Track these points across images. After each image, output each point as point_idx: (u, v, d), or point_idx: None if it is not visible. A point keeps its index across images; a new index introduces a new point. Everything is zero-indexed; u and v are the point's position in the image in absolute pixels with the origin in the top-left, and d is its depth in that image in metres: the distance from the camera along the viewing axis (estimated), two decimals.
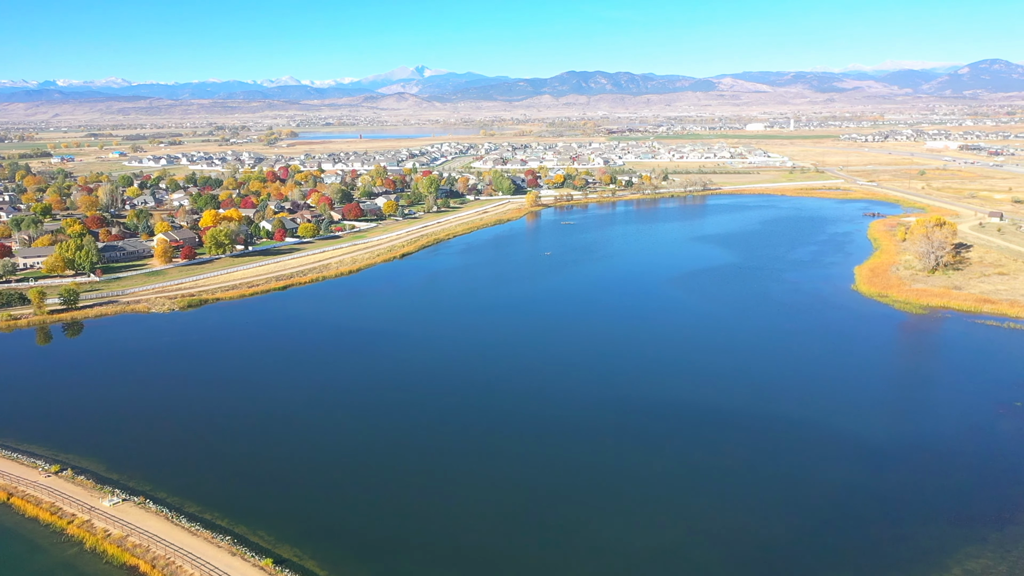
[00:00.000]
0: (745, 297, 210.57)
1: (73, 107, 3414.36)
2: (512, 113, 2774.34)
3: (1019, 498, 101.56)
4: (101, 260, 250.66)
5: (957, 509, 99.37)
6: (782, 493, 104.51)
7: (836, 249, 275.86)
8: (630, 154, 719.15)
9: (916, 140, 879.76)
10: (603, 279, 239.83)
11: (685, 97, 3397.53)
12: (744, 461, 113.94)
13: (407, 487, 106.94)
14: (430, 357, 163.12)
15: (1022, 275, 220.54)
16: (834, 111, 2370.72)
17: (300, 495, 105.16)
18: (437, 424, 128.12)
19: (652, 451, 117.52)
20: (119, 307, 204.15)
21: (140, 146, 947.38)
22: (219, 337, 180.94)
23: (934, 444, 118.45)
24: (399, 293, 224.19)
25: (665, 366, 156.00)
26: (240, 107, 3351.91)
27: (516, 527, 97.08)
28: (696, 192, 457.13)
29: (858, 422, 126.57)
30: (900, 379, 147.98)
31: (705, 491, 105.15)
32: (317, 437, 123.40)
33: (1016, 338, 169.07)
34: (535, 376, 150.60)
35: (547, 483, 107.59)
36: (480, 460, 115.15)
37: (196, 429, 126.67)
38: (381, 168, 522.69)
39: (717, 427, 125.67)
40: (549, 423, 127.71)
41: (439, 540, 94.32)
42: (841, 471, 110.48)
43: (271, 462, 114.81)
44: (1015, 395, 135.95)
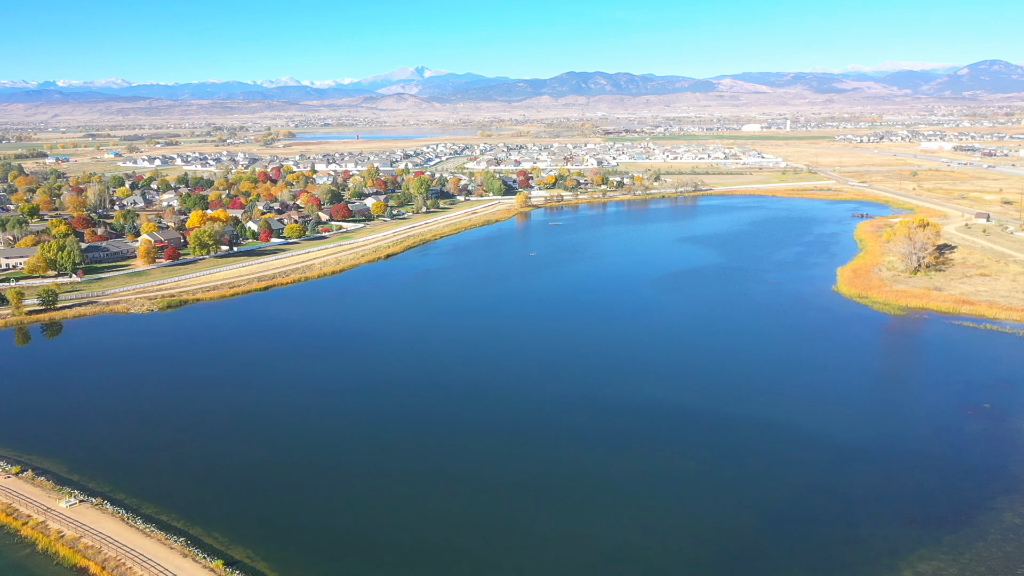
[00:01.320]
0: (725, 298, 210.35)
1: (73, 107, 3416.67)
2: (511, 114, 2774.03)
3: (977, 500, 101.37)
4: (84, 261, 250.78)
5: (915, 511, 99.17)
6: (741, 494, 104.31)
7: (821, 250, 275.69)
8: (624, 155, 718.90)
9: (911, 141, 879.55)
10: (585, 280, 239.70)
11: (684, 98, 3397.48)
12: (707, 461, 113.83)
13: (368, 488, 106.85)
14: (403, 358, 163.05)
15: (1003, 276, 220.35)
16: (833, 112, 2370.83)
17: (260, 496, 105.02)
18: (402, 425, 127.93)
19: (616, 451, 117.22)
20: (98, 307, 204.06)
21: (136, 146, 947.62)
22: (195, 338, 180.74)
23: (899, 445, 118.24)
24: (380, 294, 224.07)
25: (638, 366, 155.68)
26: (239, 108, 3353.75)
27: (473, 526, 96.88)
28: (687, 193, 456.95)
29: (825, 423, 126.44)
30: (871, 380, 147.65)
31: (664, 491, 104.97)
32: (282, 438, 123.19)
33: (991, 339, 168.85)
34: (506, 376, 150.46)
35: (510, 482, 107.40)
36: (444, 460, 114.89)
37: (162, 430, 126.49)
38: (373, 169, 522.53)
39: (685, 427, 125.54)
40: (516, 423, 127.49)
41: (395, 541, 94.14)
42: (803, 472, 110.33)
43: (234, 463, 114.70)
44: (984, 397, 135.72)
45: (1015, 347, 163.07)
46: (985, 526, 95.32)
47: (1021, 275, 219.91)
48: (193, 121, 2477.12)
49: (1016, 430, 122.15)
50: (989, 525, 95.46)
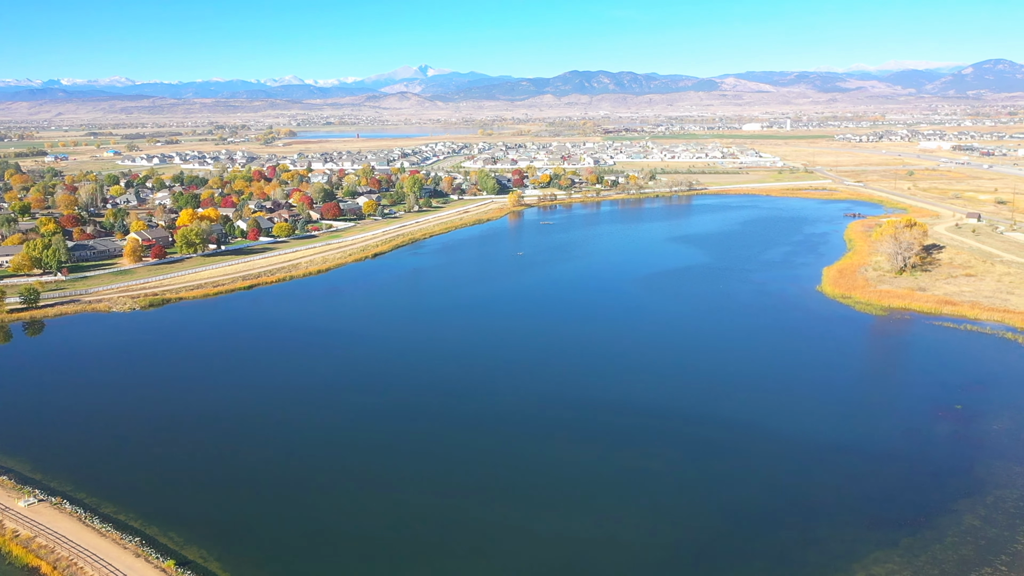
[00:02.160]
0: (709, 298, 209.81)
1: (76, 106, 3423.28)
2: (514, 113, 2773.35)
3: (939, 502, 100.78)
4: (71, 259, 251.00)
5: (876, 512, 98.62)
6: (704, 494, 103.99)
7: (809, 250, 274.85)
8: (622, 154, 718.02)
9: (911, 141, 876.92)
10: (571, 279, 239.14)
11: (687, 97, 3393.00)
12: (674, 460, 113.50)
13: (332, 487, 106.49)
14: (379, 357, 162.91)
15: (989, 276, 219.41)
16: (836, 111, 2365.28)
17: (222, 496, 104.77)
18: (371, 423, 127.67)
19: (583, 448, 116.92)
20: (80, 306, 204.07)
21: (136, 145, 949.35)
22: (173, 337, 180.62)
23: (866, 446, 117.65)
24: (364, 293, 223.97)
25: (614, 365, 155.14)
26: (242, 106, 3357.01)
27: (436, 521, 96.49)
28: (681, 192, 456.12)
29: (796, 423, 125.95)
30: (847, 380, 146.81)
31: (626, 490, 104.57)
32: (250, 437, 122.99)
33: (970, 340, 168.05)
34: (481, 375, 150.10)
35: (473, 478, 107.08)
36: (411, 457, 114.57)
37: (130, 429, 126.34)
38: (368, 168, 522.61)
39: (655, 426, 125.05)
40: (485, 420, 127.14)
41: (353, 541, 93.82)
42: (769, 472, 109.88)
43: (199, 463, 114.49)
44: (957, 398, 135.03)
45: (993, 348, 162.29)
46: (944, 528, 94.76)
47: (1006, 275, 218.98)
48: (196, 120, 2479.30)
49: (984, 432, 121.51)
50: (948, 527, 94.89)
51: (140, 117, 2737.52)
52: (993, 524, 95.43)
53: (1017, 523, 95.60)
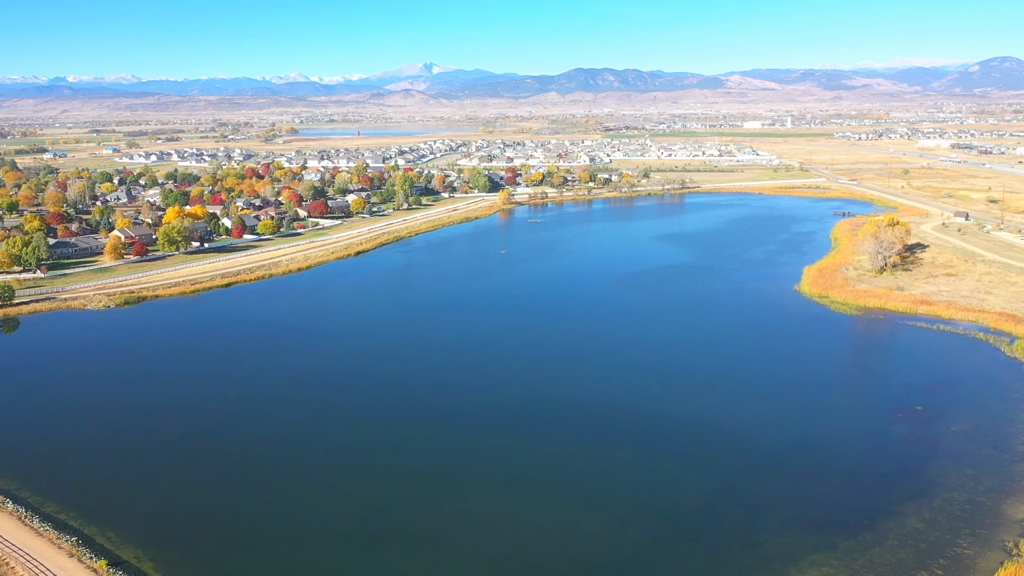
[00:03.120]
0: (685, 296, 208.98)
1: (82, 103, 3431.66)
2: (518, 110, 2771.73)
3: (885, 505, 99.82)
4: (52, 256, 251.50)
5: (819, 515, 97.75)
6: (647, 493, 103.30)
7: (793, 248, 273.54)
8: (619, 152, 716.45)
9: (910, 139, 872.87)
10: (551, 277, 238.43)
11: (692, 94, 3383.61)
12: (622, 459, 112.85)
13: (276, 486, 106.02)
14: (345, 353, 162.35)
15: (969, 276, 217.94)
16: (841, 109, 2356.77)
17: (165, 496, 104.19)
18: (330, 422, 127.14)
19: (531, 446, 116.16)
20: (55, 304, 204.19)
21: (136, 142, 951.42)
22: (142, 335, 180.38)
23: (819, 448, 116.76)
24: (341, 291, 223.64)
25: (578, 363, 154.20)
26: (247, 103, 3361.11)
27: (377, 514, 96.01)
28: (674, 190, 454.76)
29: (752, 423, 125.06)
30: (810, 381, 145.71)
31: (568, 489, 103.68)
32: (201, 436, 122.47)
33: (941, 340, 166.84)
34: (440, 371, 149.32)
35: (416, 471, 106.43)
36: (354, 454, 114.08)
37: (83, 427, 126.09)
38: (362, 165, 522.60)
39: (609, 424, 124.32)
40: (440, 416, 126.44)
41: (292, 544, 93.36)
42: (718, 473, 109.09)
43: (147, 461, 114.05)
44: (919, 399, 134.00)
45: (963, 348, 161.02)
46: (886, 531, 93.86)
47: (987, 275, 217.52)
48: (200, 117, 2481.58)
49: (940, 433, 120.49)
50: (890, 530, 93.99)
51: (145, 114, 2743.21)
52: (936, 527, 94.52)
53: (960, 526, 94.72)
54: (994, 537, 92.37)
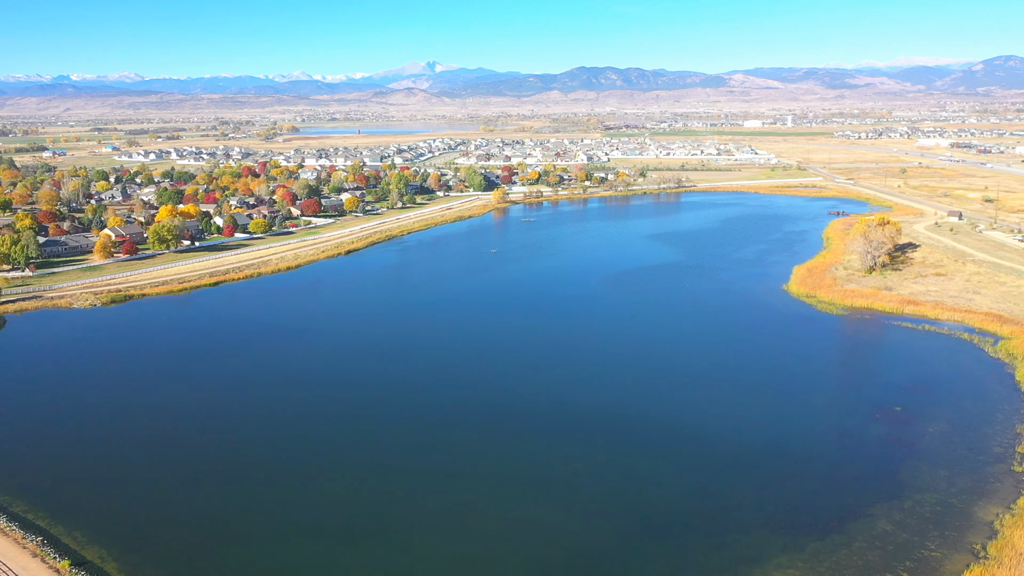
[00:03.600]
0: (672, 296, 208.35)
1: (85, 101, 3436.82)
2: (520, 109, 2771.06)
3: (855, 507, 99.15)
4: (42, 255, 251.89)
5: (788, 517, 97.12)
6: (618, 494, 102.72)
7: (784, 248, 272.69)
8: (617, 151, 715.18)
9: (910, 138, 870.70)
10: (539, 277, 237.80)
11: (695, 93, 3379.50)
12: (596, 460, 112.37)
13: (250, 489, 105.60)
14: (326, 352, 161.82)
15: (958, 276, 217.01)
16: (843, 108, 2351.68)
17: (134, 496, 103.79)
18: (299, 425, 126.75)
19: (508, 447, 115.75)
20: (42, 302, 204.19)
21: (136, 141, 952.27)
22: (126, 334, 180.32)
23: (795, 449, 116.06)
24: (328, 290, 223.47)
25: (558, 363, 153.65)
26: (249, 102, 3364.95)
27: (335, 515, 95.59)
28: (669, 189, 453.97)
29: (728, 424, 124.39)
30: (791, 381, 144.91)
31: (537, 490, 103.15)
32: (175, 437, 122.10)
33: (926, 340, 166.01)
34: (416, 371, 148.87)
35: (383, 468, 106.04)
36: (319, 452, 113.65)
37: (57, 426, 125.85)
38: (359, 164, 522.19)
39: (586, 424, 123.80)
40: (409, 417, 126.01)
41: (261, 544, 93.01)
42: (690, 474, 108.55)
43: (119, 461, 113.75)
44: (898, 400, 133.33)
45: (946, 349, 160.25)
46: (854, 533, 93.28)
47: (976, 275, 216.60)
48: (203, 115, 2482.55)
49: (917, 434, 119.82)
50: (859, 533, 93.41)
51: (147, 113, 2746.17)
52: (905, 529, 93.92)
53: (929, 528, 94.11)
54: (962, 539, 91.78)
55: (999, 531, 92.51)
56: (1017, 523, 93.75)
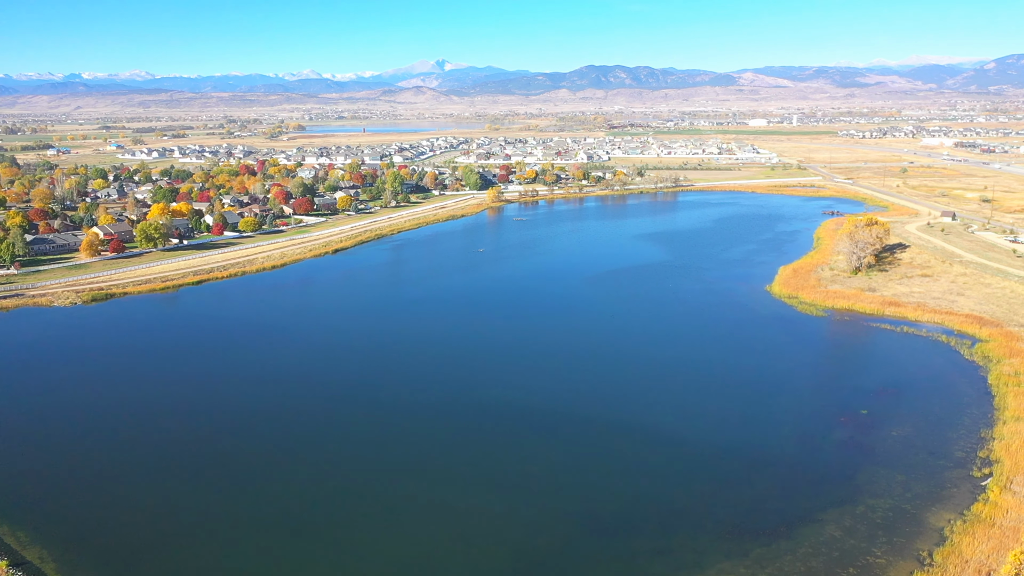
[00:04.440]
0: (652, 296, 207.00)
1: (96, 100, 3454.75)
2: (528, 107, 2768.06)
3: (806, 511, 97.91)
4: (29, 253, 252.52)
5: (737, 521, 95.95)
6: (568, 497, 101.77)
7: (773, 248, 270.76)
8: (618, 149, 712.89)
9: (915, 137, 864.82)
10: (522, 277, 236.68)
11: (704, 92, 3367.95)
12: (552, 462, 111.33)
13: (200, 488, 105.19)
14: (293, 350, 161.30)
15: (944, 277, 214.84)
16: (853, 106, 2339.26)
17: (81, 496, 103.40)
18: (265, 426, 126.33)
19: (460, 447, 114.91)
20: (22, 300, 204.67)
21: (141, 139, 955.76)
22: (100, 333, 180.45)
23: (753, 452, 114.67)
24: (310, 288, 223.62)
25: (528, 364, 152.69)
26: (259, 100, 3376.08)
27: (278, 513, 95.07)
28: (666, 188, 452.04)
29: (690, 427, 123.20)
30: (759, 383, 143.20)
31: (483, 492, 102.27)
32: (130, 437, 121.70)
33: (903, 342, 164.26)
34: (378, 370, 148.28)
35: (320, 489, 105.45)
36: (270, 452, 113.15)
37: (16, 426, 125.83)
38: (357, 163, 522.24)
39: (545, 425, 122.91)
40: (362, 415, 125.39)
41: (204, 545, 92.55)
42: (643, 477, 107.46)
43: (70, 461, 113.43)
44: (865, 403, 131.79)
45: (922, 351, 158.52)
46: (801, 539, 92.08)
47: (962, 276, 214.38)
48: (211, 113, 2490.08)
49: (879, 438, 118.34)
50: (806, 538, 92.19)
51: (157, 111, 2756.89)
52: (854, 535, 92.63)
53: (878, 534, 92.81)
54: (910, 546, 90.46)
55: (948, 538, 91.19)
56: (967, 530, 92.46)
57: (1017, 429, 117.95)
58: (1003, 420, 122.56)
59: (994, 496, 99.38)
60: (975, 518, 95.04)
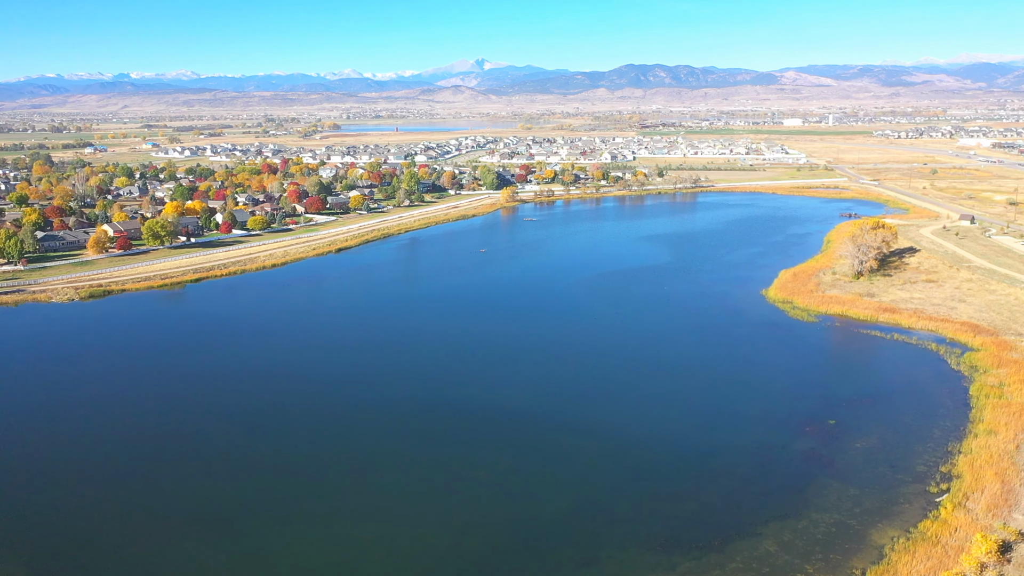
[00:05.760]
0: (645, 298, 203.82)
1: (142, 99, 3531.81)
2: (565, 107, 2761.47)
3: (747, 525, 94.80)
4: (40, 249, 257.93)
5: (673, 534, 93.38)
6: (505, 504, 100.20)
7: (780, 251, 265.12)
8: (644, 149, 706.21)
9: (952, 137, 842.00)
10: (518, 278, 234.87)
11: (744, 91, 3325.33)
12: (500, 467, 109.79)
13: (136, 488, 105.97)
14: (274, 351, 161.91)
15: (949, 283, 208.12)
16: (897, 106, 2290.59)
17: (37, 498, 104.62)
18: (242, 427, 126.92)
19: (408, 452, 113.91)
20: (23, 296, 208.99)
21: (178, 137, 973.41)
22: (94, 328, 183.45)
23: (708, 461, 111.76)
24: (306, 287, 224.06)
25: (500, 365, 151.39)
26: (300, 99, 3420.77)
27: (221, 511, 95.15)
28: (685, 189, 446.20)
29: (651, 433, 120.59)
30: (731, 390, 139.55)
31: (427, 496, 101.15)
32: (79, 437, 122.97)
33: (889, 350, 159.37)
34: (354, 371, 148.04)
35: (267, 489, 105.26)
36: (224, 454, 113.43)
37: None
38: (379, 161, 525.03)
39: (502, 430, 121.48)
40: (318, 421, 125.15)
41: (118, 546, 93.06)
42: (589, 483, 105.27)
43: (40, 463, 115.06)
44: (835, 413, 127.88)
45: (907, 359, 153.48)
46: (734, 553, 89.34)
47: (967, 282, 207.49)
48: (252, 112, 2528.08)
49: (842, 450, 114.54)
50: (739, 553, 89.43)
51: (200, 110, 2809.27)
52: (789, 550, 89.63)
53: (815, 550, 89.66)
54: (845, 563, 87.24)
55: (887, 556, 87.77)
56: (908, 547, 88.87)
57: (987, 443, 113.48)
58: (975, 433, 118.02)
59: (945, 513, 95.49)
60: (920, 536, 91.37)
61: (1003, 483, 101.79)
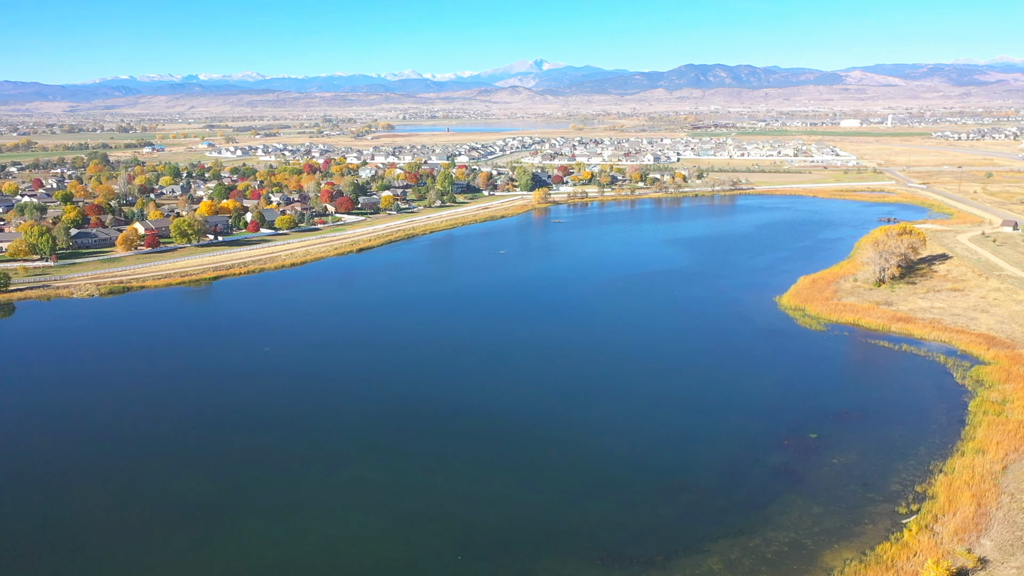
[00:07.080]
0: (657, 303, 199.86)
1: (208, 100, 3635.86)
2: (621, 107, 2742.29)
3: (698, 541, 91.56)
4: (73, 246, 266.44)
5: (616, 547, 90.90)
6: (457, 510, 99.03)
7: (805, 256, 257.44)
8: (690, 150, 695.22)
9: (1016, 139, 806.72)
10: (534, 281, 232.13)
11: (806, 91, 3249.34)
12: (460, 473, 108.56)
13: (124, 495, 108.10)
14: (274, 348, 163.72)
15: (975, 292, 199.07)
16: (967, 106, 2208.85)
17: (34, 497, 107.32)
18: (210, 424, 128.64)
19: (372, 453, 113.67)
20: (47, 291, 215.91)
21: (234, 137, 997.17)
22: (104, 324, 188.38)
23: (676, 474, 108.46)
24: (319, 286, 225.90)
25: (497, 368, 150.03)
26: (359, 100, 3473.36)
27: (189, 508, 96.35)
28: (723, 192, 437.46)
29: (624, 443, 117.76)
30: (717, 400, 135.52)
31: (371, 503, 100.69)
32: (68, 437, 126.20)
33: (895, 361, 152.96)
34: (345, 372, 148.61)
35: (234, 492, 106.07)
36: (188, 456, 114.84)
37: None
38: (418, 162, 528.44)
39: (469, 432, 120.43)
40: (293, 420, 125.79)
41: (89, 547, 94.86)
42: (547, 493, 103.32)
43: (28, 461, 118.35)
44: (818, 427, 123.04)
45: (911, 371, 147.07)
46: (676, 570, 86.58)
47: (994, 291, 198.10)
48: (312, 113, 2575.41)
49: (816, 466, 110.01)
50: (680, 570, 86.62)
51: (263, 110, 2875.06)
52: (734, 570, 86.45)
53: (761, 570, 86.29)
54: None
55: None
56: (861, 571, 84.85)
57: (972, 462, 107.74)
58: (962, 452, 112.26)
59: (909, 536, 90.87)
60: (875, 559, 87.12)
61: (978, 505, 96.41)
